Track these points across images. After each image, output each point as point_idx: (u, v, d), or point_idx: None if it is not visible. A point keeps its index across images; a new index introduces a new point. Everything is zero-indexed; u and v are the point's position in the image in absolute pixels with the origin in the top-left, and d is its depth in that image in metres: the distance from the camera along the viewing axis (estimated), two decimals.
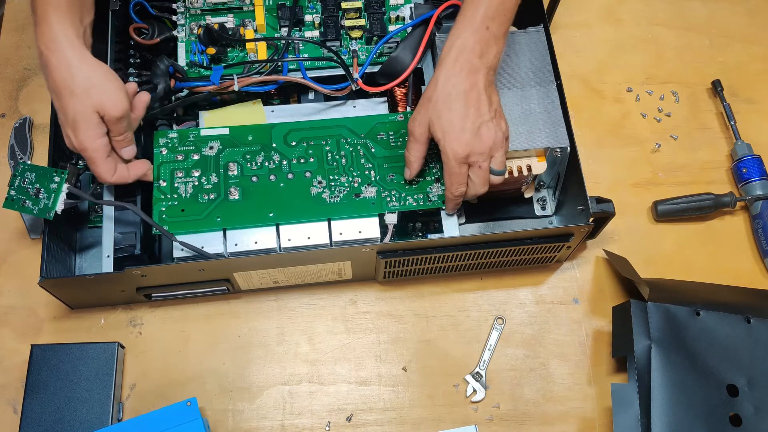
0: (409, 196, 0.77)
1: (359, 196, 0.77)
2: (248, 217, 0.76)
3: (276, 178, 0.77)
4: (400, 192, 0.78)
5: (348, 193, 0.77)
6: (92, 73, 0.69)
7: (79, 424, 0.74)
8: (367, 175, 0.78)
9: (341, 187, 0.77)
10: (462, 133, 0.70)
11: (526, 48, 0.82)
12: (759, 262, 0.88)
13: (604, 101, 0.96)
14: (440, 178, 0.78)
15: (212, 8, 0.85)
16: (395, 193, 0.77)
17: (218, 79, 0.80)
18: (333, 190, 0.77)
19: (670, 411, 0.73)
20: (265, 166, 0.78)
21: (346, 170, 0.78)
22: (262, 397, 0.80)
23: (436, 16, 0.81)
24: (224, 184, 0.77)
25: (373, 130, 0.80)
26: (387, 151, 0.79)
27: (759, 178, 0.88)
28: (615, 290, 0.86)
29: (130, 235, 0.78)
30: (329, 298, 0.84)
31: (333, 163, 0.78)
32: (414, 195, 0.78)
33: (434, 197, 0.78)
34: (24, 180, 0.74)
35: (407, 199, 0.77)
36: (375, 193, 0.77)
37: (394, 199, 0.77)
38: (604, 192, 0.83)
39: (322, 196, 0.77)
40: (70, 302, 0.81)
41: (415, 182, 0.78)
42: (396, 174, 0.78)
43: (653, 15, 1.02)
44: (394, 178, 0.78)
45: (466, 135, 0.70)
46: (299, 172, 0.78)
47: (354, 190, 0.77)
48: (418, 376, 0.81)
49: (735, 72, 0.98)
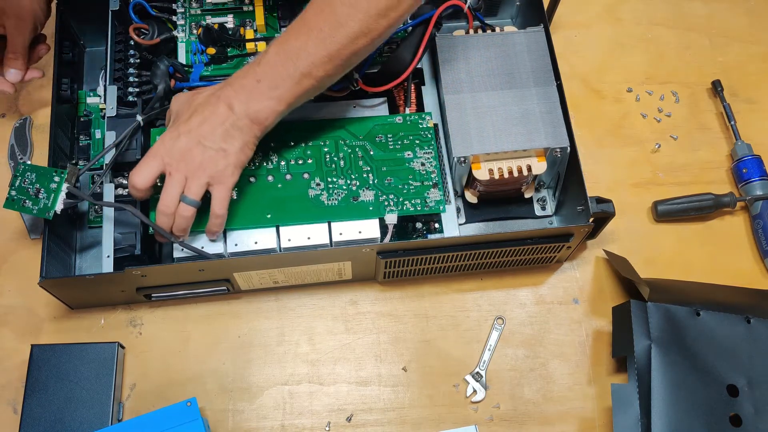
0: (407, 200, 0.77)
1: (357, 200, 0.77)
2: (246, 219, 0.76)
3: (274, 179, 0.77)
4: (398, 196, 0.78)
5: (346, 196, 0.77)
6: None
7: (79, 424, 0.74)
8: (365, 179, 0.78)
9: (339, 189, 0.77)
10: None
11: (526, 48, 0.82)
12: (759, 262, 0.88)
13: (604, 101, 0.96)
14: (438, 184, 0.78)
15: (212, 8, 0.85)
16: (393, 197, 0.77)
17: (198, 77, 0.80)
18: (331, 192, 0.77)
19: (670, 411, 0.73)
20: (263, 166, 0.78)
21: (344, 173, 0.78)
22: (262, 397, 0.80)
23: (436, 16, 0.81)
24: None
25: (372, 132, 0.80)
26: (385, 153, 0.79)
27: (759, 178, 0.88)
28: (615, 290, 0.86)
29: (130, 236, 0.78)
30: (329, 298, 0.84)
31: (331, 165, 0.78)
32: (412, 200, 0.77)
33: (432, 202, 0.77)
34: (24, 180, 0.74)
35: (405, 204, 0.77)
36: (373, 197, 0.77)
37: (392, 203, 0.77)
38: (604, 192, 0.83)
39: (320, 198, 0.77)
40: (70, 302, 0.81)
41: (412, 188, 0.78)
42: (394, 178, 0.78)
43: (653, 15, 1.02)
44: (392, 181, 0.78)
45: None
46: (297, 173, 0.78)
47: (352, 193, 0.77)
48: (418, 376, 0.81)
49: (735, 72, 0.98)
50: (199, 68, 0.81)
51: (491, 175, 0.78)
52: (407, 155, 0.79)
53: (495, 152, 0.78)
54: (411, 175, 0.78)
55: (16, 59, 0.79)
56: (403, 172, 0.78)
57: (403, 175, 0.78)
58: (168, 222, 0.71)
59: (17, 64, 0.80)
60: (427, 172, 0.79)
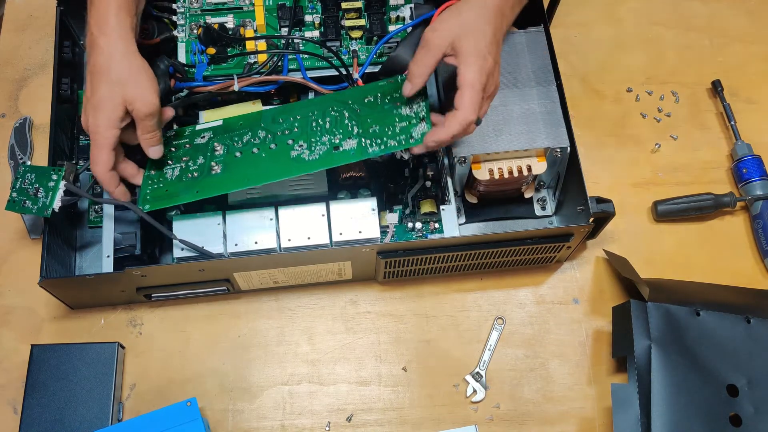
0: (391, 139, 0.74)
1: (338, 149, 0.74)
2: (226, 185, 0.74)
3: (259, 150, 0.76)
4: (381, 137, 0.74)
5: (328, 150, 0.74)
6: (132, 68, 0.70)
7: (79, 424, 0.74)
8: (349, 131, 0.75)
9: (322, 145, 0.75)
10: (485, 61, 0.68)
11: (526, 48, 0.82)
12: (759, 262, 0.88)
13: (604, 101, 0.96)
14: (425, 118, 0.74)
15: (212, 8, 0.85)
16: (377, 140, 0.74)
17: (201, 75, 0.80)
18: (313, 150, 0.75)
19: (670, 411, 0.73)
20: (251, 142, 0.77)
21: (328, 132, 0.76)
22: (262, 397, 0.80)
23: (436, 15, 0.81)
24: (208, 162, 0.76)
25: (361, 96, 0.78)
26: (373, 110, 0.76)
27: (759, 178, 0.88)
28: (615, 290, 0.86)
29: (130, 235, 0.78)
30: (329, 298, 0.84)
31: (317, 128, 0.76)
32: (396, 138, 0.74)
33: (418, 135, 0.73)
34: (25, 182, 0.74)
35: (389, 143, 0.73)
36: (355, 144, 0.74)
37: (375, 144, 0.74)
38: (604, 192, 0.83)
39: (301, 156, 0.75)
40: (70, 302, 0.81)
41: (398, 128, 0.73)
42: (379, 126, 0.74)
43: (653, 15, 1.02)
44: (377, 129, 0.74)
45: (489, 64, 0.68)
46: (283, 142, 0.76)
47: (334, 145, 0.75)
48: (418, 376, 0.81)
49: (735, 72, 0.98)
50: (201, 68, 0.80)
51: (491, 175, 0.78)
52: (396, 105, 0.76)
53: (495, 152, 0.78)
54: (398, 118, 0.75)
55: (154, 137, 0.74)
56: (389, 118, 0.75)
57: (390, 120, 0.75)
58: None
59: (156, 139, 0.74)
60: (415, 112, 0.75)
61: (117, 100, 0.70)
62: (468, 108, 0.67)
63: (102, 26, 0.70)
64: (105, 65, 0.70)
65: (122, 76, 0.70)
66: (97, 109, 0.70)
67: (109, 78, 0.69)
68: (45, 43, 0.96)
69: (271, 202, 0.79)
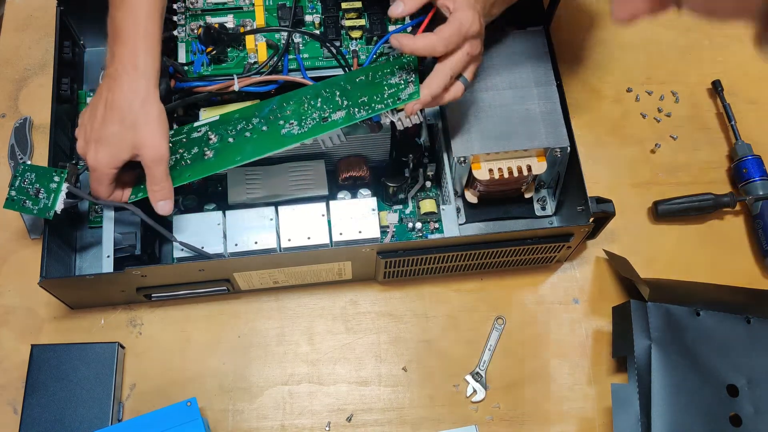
0: (378, 104, 0.73)
1: (327, 121, 0.74)
2: (218, 165, 0.74)
3: (251, 134, 0.76)
4: (370, 104, 0.73)
5: (317, 123, 0.74)
6: (150, 116, 0.69)
7: (79, 424, 0.74)
8: (337, 103, 0.75)
9: (311, 120, 0.75)
10: (472, 8, 0.67)
11: (526, 48, 0.82)
12: (759, 262, 0.88)
13: (604, 101, 0.96)
14: (414, 81, 0.73)
15: (212, 8, 0.85)
16: (365, 107, 0.73)
17: (199, 66, 0.80)
18: (303, 125, 0.74)
19: (670, 411, 0.73)
20: (244, 128, 0.76)
21: (319, 109, 0.75)
22: (262, 397, 0.80)
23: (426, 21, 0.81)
24: (201, 150, 0.76)
25: (354, 76, 0.78)
26: (363, 85, 0.76)
27: (759, 178, 0.88)
28: (615, 290, 0.86)
29: (130, 235, 0.78)
30: (329, 298, 0.84)
31: (309, 108, 0.76)
32: (384, 102, 0.73)
33: (405, 95, 0.72)
34: (24, 180, 0.74)
35: (376, 107, 0.73)
36: (344, 114, 0.74)
37: (362, 110, 0.73)
38: (604, 192, 0.83)
39: (291, 132, 0.74)
40: (70, 302, 0.81)
41: (386, 93, 0.73)
42: (368, 96, 0.74)
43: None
44: (366, 99, 0.74)
45: (476, 11, 0.67)
46: (274, 123, 0.76)
47: (322, 118, 0.74)
48: (418, 376, 0.81)
49: (735, 72, 0.98)
50: (200, 59, 0.80)
51: (491, 175, 0.78)
52: (386, 77, 0.75)
53: (495, 152, 0.78)
54: (387, 86, 0.74)
55: (162, 189, 0.72)
56: (378, 88, 0.74)
57: (379, 89, 0.74)
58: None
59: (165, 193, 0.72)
60: (404, 80, 0.74)
61: (125, 144, 0.69)
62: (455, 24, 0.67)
63: (128, 66, 0.68)
64: (123, 105, 0.68)
65: (137, 122, 0.68)
66: (102, 143, 0.69)
67: (122, 118, 0.68)
68: (45, 43, 0.95)
69: (271, 202, 0.79)
